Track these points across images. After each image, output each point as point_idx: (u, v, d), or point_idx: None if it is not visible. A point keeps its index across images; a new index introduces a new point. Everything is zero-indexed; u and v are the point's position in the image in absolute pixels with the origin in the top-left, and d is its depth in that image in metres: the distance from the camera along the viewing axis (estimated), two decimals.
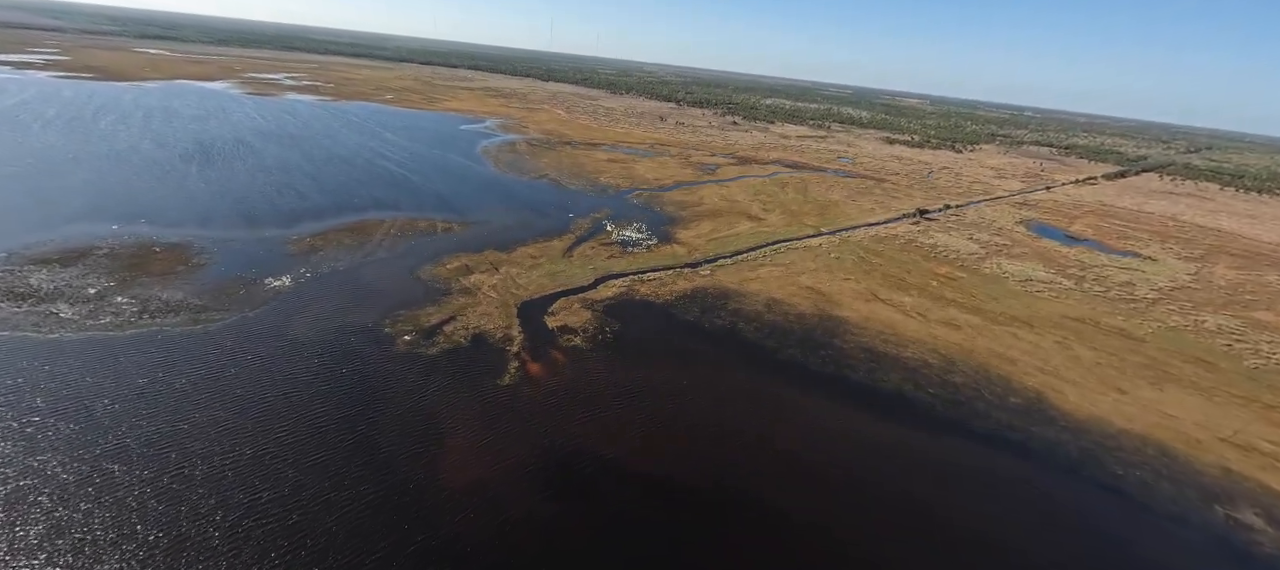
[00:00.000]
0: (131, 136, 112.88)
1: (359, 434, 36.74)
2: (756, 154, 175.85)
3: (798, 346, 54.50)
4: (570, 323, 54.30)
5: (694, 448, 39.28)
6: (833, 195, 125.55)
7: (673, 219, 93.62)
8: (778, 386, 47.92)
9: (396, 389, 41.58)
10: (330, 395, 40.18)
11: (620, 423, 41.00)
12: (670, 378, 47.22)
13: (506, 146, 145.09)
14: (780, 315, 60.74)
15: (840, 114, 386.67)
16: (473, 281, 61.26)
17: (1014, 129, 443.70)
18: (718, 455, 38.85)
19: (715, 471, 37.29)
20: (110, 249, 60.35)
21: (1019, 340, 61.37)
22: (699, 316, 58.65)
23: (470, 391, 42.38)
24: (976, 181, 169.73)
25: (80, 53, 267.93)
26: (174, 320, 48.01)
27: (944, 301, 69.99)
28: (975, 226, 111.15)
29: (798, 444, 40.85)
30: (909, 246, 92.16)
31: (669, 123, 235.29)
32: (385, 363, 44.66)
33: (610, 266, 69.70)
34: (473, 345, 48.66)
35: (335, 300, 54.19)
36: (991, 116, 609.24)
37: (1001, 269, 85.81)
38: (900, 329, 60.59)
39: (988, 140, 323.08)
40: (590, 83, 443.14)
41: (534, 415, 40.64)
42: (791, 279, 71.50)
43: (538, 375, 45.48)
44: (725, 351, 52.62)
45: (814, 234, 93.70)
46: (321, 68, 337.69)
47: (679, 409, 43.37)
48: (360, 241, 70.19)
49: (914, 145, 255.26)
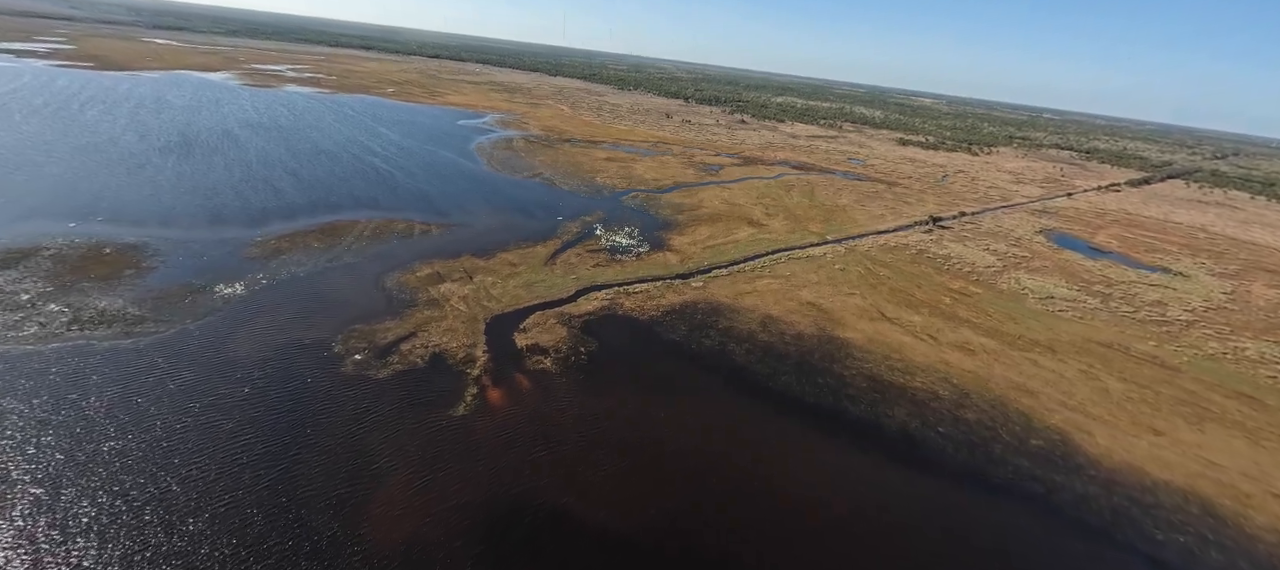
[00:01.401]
0: (115, 128, 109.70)
1: (278, 474, 32.16)
2: (763, 154, 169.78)
3: (794, 373, 49.20)
4: (542, 341, 49.44)
5: (667, 497, 34.28)
6: (841, 199, 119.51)
7: (668, 224, 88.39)
8: (768, 421, 42.73)
9: (333, 420, 36.98)
10: (257, 426, 35.66)
11: (584, 463, 36.10)
12: (646, 408, 42.21)
13: (502, 143, 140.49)
14: (776, 335, 55.44)
15: (853, 113, 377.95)
16: (442, 291, 56.60)
17: (1032, 131, 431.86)
18: (693, 506, 33.82)
19: (689, 526, 32.27)
20: (58, 250, 56.45)
21: (1040, 368, 55.55)
22: (685, 336, 53.52)
23: (417, 423, 37.68)
24: (993, 186, 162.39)
25: (86, 42, 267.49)
26: (104, 333, 43.82)
27: (957, 321, 64.22)
28: (992, 236, 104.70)
29: (788, 494, 35.68)
30: (920, 257, 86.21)
31: (675, 120, 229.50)
32: (327, 387, 40.10)
33: (595, 276, 64.73)
34: (429, 367, 43.98)
35: (287, 311, 49.78)
36: (1009, 118, 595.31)
37: (1020, 285, 79.66)
38: (908, 353, 55.04)
39: (1005, 142, 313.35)
40: (599, 79, 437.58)
41: (485, 453, 35.87)
42: (791, 293, 66.08)
43: (497, 404, 40.69)
44: (711, 378, 47.48)
45: (818, 242, 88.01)
46: (327, 60, 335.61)
47: (653, 447, 38.38)
48: (329, 244, 65.85)
49: (928, 146, 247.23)
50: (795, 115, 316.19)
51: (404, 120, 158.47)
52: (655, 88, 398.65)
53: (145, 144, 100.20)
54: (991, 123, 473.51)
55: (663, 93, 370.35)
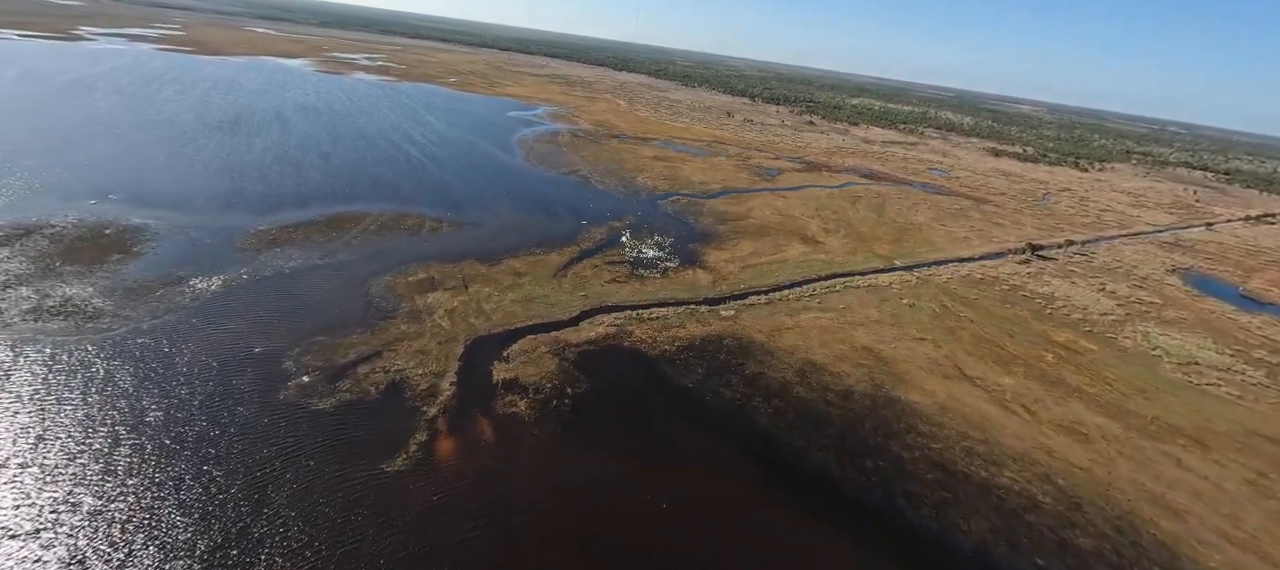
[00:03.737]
0: (179, 107, 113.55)
1: (135, 526, 25.69)
2: (829, 159, 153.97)
3: (835, 447, 37.99)
4: (524, 376, 41.18)
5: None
6: (916, 216, 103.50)
7: (706, 235, 77.92)
8: (794, 516, 32.12)
9: (239, 461, 30.41)
10: (147, 460, 29.67)
11: (536, 552, 27.34)
12: (632, 486, 32.82)
13: (547, 137, 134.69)
14: (817, 390, 44.12)
15: (937, 118, 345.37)
16: (428, 302, 49.80)
17: (1155, 146, 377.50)
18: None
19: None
20: (60, 229, 54.90)
21: (1186, 472, 40.70)
22: (701, 382, 43.46)
23: (338, 475, 30.43)
24: (1108, 210, 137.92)
25: (195, 29, 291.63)
26: (58, 326, 40.17)
27: (1064, 389, 49.71)
28: (1108, 273, 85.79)
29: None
30: (1014, 296, 70.52)
31: (735, 119, 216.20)
32: (253, 417, 33.79)
33: (607, 294, 55.84)
34: (381, 399, 36.86)
35: (252, 314, 44.59)
36: (1125, 130, 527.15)
37: (1150, 342, 62.59)
38: (995, 431, 41.99)
39: (1121, 158, 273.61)
40: (665, 75, 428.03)
41: (411, 525, 27.98)
42: (842, 333, 54.05)
43: (443, 460, 32.75)
44: (726, 446, 37.26)
45: (884, 267, 74.35)
46: (404, 50, 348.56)
47: (629, 539, 29.01)
48: (330, 237, 61.23)
49: (1026, 158, 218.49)
50: (871, 118, 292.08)
51: (454, 109, 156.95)
52: (721, 85, 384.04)
53: (198, 123, 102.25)
54: (1104, 135, 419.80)
55: (729, 90, 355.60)
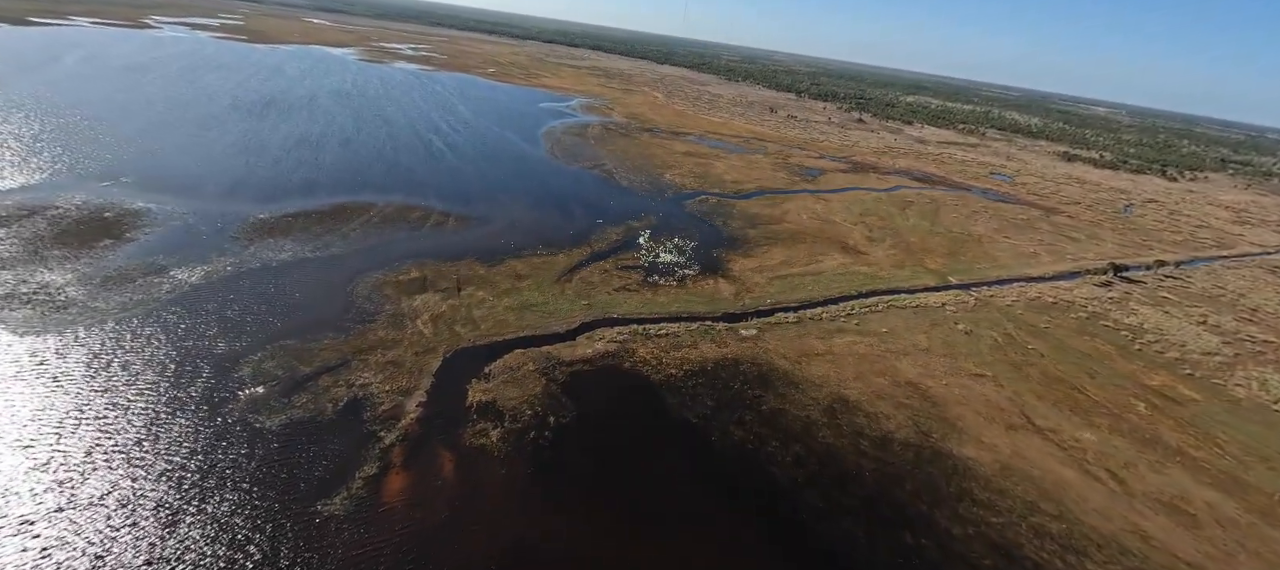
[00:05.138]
0: (217, 91, 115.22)
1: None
2: (878, 160, 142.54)
3: (865, 514, 30.93)
4: (502, 400, 35.98)
5: None
6: (975, 226, 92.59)
7: (734, 240, 70.86)
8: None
9: (160, 483, 26.43)
10: (52, 472, 26.09)
11: None
12: (604, 546, 27.01)
13: (576, 129, 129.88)
14: (849, 436, 36.95)
15: (1001, 119, 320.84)
16: (414, 305, 45.45)
17: (1256, 154, 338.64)
18: None
19: None
20: (62, 210, 53.85)
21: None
22: (709, 416, 37.07)
23: (264, 511, 26.01)
24: (1203, 225, 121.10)
25: (254, 20, 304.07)
26: (23, 314, 37.97)
27: (1161, 450, 40.41)
28: (1210, 301, 73.21)
29: None
30: (1094, 326, 60.23)
31: (778, 115, 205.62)
32: (187, 432, 29.95)
33: (613, 304, 50.05)
34: (336, 419, 32.44)
35: (227, 310, 41.35)
36: (1219, 136, 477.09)
37: (1269, 392, 51.48)
38: (1074, 504, 33.71)
39: (1215, 167, 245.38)
40: (708, 68, 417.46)
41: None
42: (884, 364, 46.26)
43: (390, 501, 27.88)
44: (731, 505, 30.84)
45: (937, 285, 65.33)
46: (449, 41, 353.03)
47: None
48: (329, 229, 58.12)
49: (1104, 165, 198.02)
50: (927, 117, 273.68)
51: (486, 99, 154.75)
52: (767, 80, 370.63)
53: (231, 108, 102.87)
54: (1193, 140, 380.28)
55: (774, 85, 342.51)
